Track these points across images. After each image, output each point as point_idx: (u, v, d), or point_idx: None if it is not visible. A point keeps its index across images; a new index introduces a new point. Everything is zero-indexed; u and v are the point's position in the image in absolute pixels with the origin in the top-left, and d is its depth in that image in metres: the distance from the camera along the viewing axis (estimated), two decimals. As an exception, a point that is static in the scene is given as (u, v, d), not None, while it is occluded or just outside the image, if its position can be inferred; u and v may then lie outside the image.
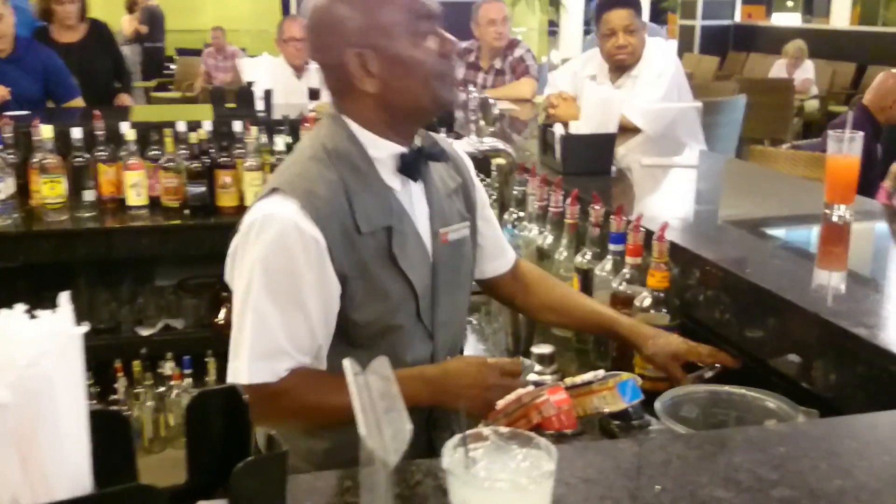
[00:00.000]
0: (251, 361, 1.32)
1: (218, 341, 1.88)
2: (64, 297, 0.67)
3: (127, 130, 3.18)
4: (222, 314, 1.85)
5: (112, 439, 0.83)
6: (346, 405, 1.36)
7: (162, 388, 3.32)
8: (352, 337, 1.41)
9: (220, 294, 2.18)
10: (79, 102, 4.12)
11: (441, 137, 1.63)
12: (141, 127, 3.27)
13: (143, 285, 3.51)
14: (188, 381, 3.29)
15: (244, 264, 1.35)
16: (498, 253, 1.72)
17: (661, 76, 3.24)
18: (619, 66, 3.31)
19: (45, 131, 3.06)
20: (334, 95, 1.45)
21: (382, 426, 0.71)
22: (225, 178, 3.13)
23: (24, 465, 0.66)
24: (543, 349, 1.72)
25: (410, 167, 1.43)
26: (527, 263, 1.83)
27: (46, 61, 3.99)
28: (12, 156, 3.16)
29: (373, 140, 1.41)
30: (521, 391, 1.27)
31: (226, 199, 3.14)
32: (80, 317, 0.76)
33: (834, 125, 4.28)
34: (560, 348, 1.83)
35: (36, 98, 3.94)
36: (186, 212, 3.17)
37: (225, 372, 1.39)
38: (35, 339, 0.65)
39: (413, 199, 1.45)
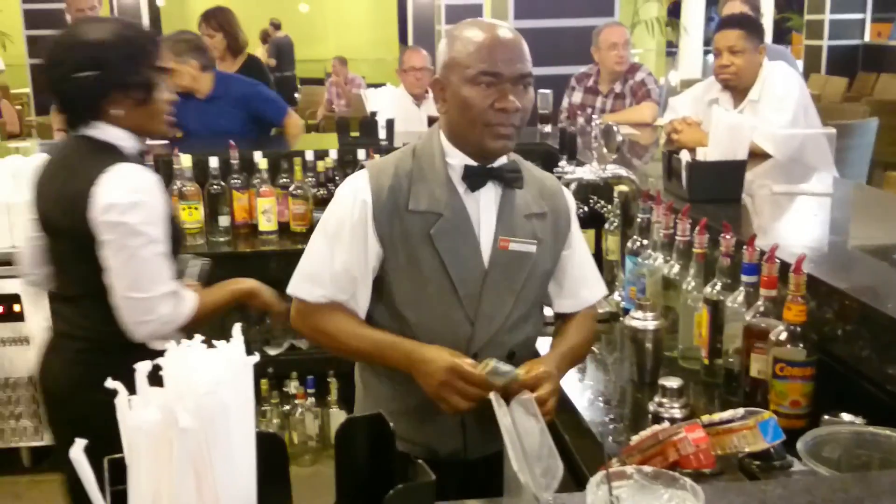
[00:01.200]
0: (297, 279, 1.69)
1: (340, 362, 1.99)
2: (236, 329, 0.72)
3: (259, 159, 3.33)
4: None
5: (270, 460, 0.87)
6: (356, 347, 1.69)
7: (287, 407, 3.43)
8: (398, 301, 1.67)
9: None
10: (293, 119, 4.18)
11: (544, 174, 1.81)
12: (272, 156, 3.42)
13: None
14: (311, 400, 3.39)
15: None
16: (572, 293, 1.83)
17: (783, 100, 3.16)
18: (725, 87, 3.28)
19: (185, 160, 3.24)
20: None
21: (532, 461, 0.73)
22: (350, 204, 3.22)
23: (199, 485, 0.71)
24: (672, 382, 1.70)
25: (472, 178, 1.67)
26: (588, 311, 1.87)
27: (245, 91, 4.09)
28: (154, 183, 3.34)
29: (450, 148, 1.69)
30: (656, 427, 1.26)
31: (351, 225, 3.22)
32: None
33: None
34: (689, 381, 1.80)
35: (239, 129, 4.06)
36: (313, 237, 3.28)
37: (346, 393, 1.57)
38: (212, 368, 0.70)
39: (480, 205, 1.69)
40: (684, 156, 2.51)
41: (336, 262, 1.65)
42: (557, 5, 5.38)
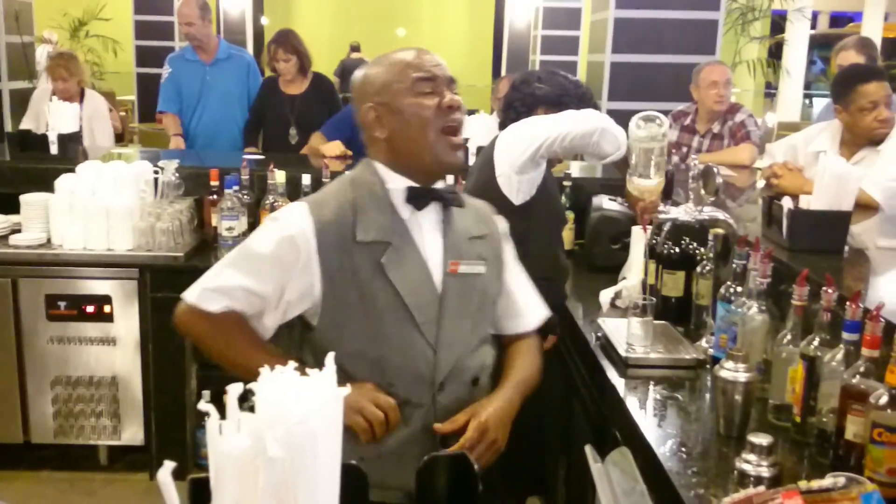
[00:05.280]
0: (203, 288, 1.65)
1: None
2: (329, 358, 0.70)
3: (350, 178, 3.37)
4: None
5: (349, 492, 0.85)
6: (241, 363, 1.60)
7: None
8: (354, 341, 1.61)
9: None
10: None
11: (476, 200, 1.87)
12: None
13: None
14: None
15: None
16: (513, 314, 1.86)
17: None
18: (877, 141, 3.12)
19: (279, 176, 3.30)
20: (365, 144, 1.76)
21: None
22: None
23: (282, 515, 0.70)
24: (761, 439, 1.63)
25: (417, 198, 1.68)
26: (533, 341, 1.89)
27: None
28: (247, 196, 3.42)
29: (390, 174, 1.70)
30: (751, 491, 1.20)
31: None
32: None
33: None
34: (777, 438, 1.72)
35: None
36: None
37: None
38: (305, 397, 0.69)
39: (424, 229, 1.70)
40: (786, 202, 2.43)
41: (249, 283, 1.63)
42: (658, 41, 5.30)
